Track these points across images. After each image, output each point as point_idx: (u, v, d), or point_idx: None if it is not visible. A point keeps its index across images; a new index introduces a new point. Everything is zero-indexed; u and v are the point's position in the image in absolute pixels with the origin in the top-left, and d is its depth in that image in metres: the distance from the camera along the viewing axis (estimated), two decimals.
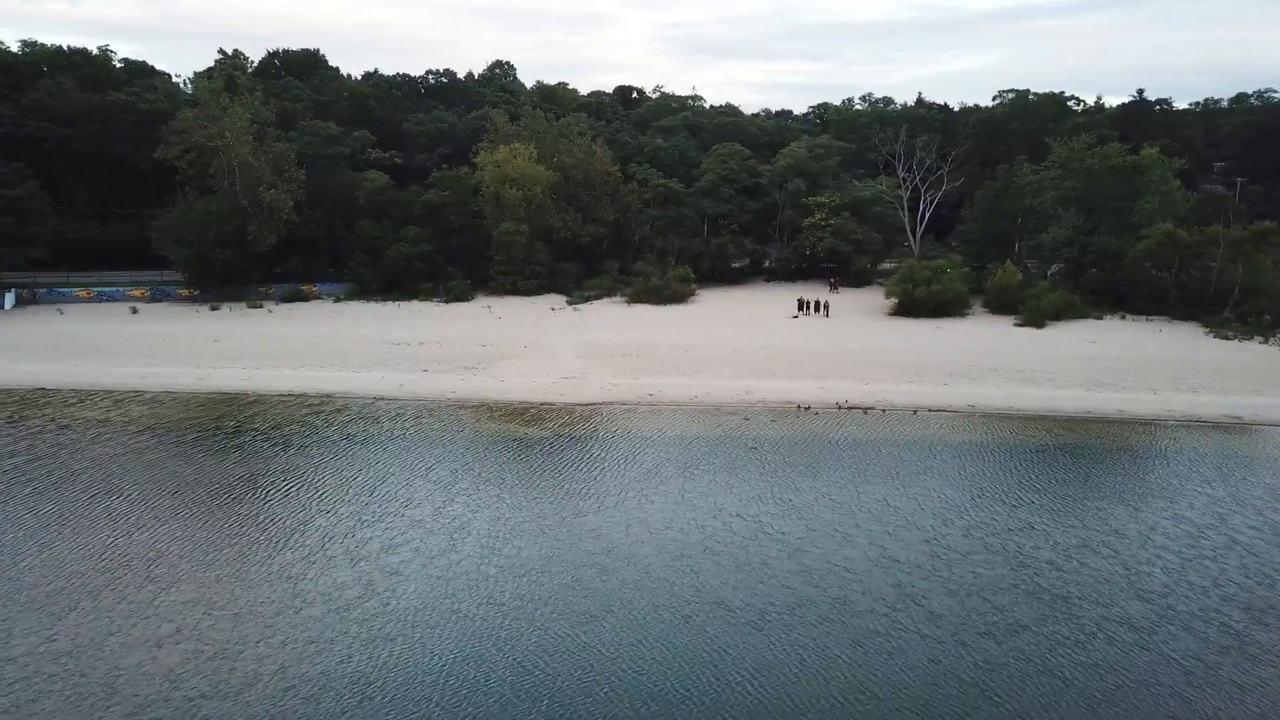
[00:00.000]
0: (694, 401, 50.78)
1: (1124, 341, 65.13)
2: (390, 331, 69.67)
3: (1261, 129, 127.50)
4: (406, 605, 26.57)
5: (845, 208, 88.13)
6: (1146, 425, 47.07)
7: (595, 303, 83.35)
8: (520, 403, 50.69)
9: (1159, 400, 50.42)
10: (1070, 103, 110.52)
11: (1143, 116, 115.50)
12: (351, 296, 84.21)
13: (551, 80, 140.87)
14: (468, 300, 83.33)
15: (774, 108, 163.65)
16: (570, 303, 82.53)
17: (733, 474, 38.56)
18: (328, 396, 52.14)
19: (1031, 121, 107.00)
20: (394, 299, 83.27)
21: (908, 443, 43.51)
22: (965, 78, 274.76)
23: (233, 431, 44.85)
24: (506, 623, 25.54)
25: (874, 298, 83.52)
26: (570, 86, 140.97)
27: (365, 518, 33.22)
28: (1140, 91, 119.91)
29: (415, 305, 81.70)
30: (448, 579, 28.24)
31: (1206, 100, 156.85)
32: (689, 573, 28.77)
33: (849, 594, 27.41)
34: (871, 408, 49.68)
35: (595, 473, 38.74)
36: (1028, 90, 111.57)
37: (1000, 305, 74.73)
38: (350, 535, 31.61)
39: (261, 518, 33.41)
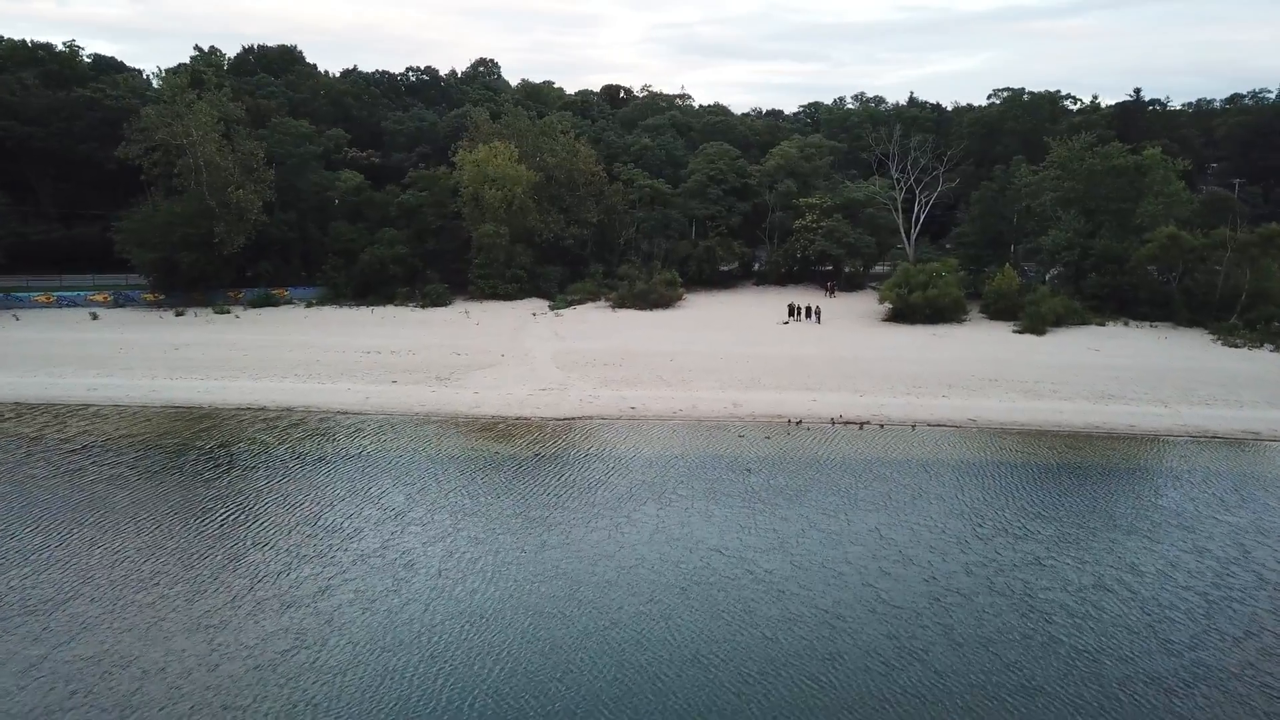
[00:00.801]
0: (678, 415, 47.68)
1: (1129, 349, 62.21)
2: (362, 338, 66.41)
3: (1259, 129, 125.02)
4: (338, 661, 23.39)
5: (837, 209, 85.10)
6: (1158, 441, 44.11)
7: (578, 307, 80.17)
8: (493, 417, 47.51)
9: (1170, 414, 47.45)
10: (1067, 101, 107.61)
11: (1139, 116, 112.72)
12: (324, 301, 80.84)
13: (539, 80, 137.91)
14: (446, 305, 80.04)
15: (764, 108, 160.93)
16: (552, 307, 79.34)
17: (715, 500, 35.44)
18: (287, 410, 48.88)
19: (1027, 121, 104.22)
20: (368, 304, 79.92)
21: (905, 463, 40.43)
22: (957, 79, 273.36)
23: (174, 450, 41.54)
24: (448, 685, 22.37)
25: (867, 303, 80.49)
26: (556, 86, 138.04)
27: (305, 553, 30.00)
28: (1137, 91, 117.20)
29: (390, 310, 78.37)
30: (388, 629, 25.05)
31: (1200, 101, 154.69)
32: (661, 621, 25.62)
33: (840, 647, 24.29)
34: (867, 422, 46.63)
35: (565, 499, 35.58)
36: (1023, 89, 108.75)
37: (999, 311, 71.76)
38: (285, 575, 28.38)
39: (187, 554, 30.14)
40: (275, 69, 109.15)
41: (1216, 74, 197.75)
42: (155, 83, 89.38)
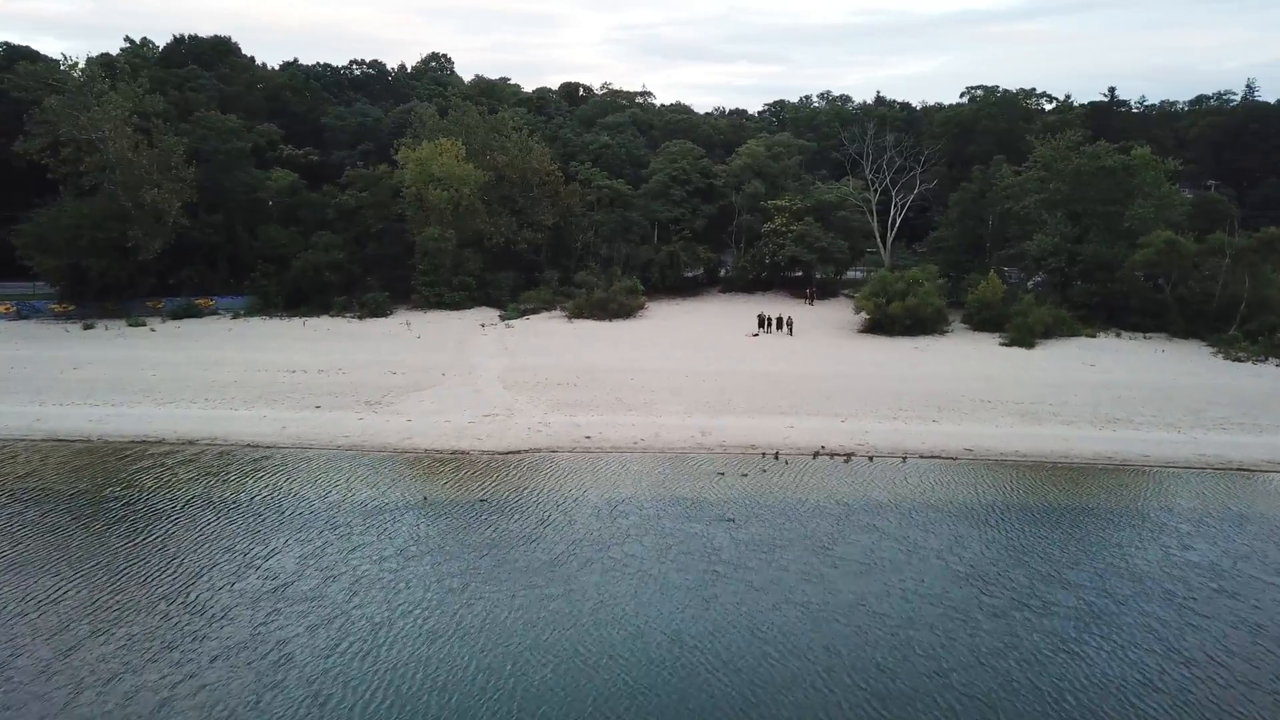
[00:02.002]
0: (639, 446, 41.93)
1: (1126, 364, 57.61)
2: (289, 354, 59.80)
3: (1230, 130, 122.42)
4: None
5: (808, 212, 79.93)
6: (1176, 475, 39.20)
7: (532, 318, 74.10)
8: (426, 450, 41.40)
9: (1186, 440, 42.63)
10: (1042, 100, 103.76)
11: (1112, 117, 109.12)
12: (253, 312, 73.92)
13: (495, 77, 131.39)
14: (386, 315, 73.53)
15: (728, 108, 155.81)
16: (503, 318, 73.22)
17: (675, 562, 29.71)
18: (188, 443, 42.37)
19: (1001, 120, 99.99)
20: (301, 314, 73.18)
21: (897, 506, 35.01)
22: (915, 82, 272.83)
23: (32, 496, 34.87)
24: None
25: (841, 312, 75.42)
26: (513, 83, 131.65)
27: (151, 646, 23.72)
28: (1111, 90, 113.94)
29: (325, 322, 71.67)
30: None
31: (1163, 103, 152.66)
32: None
33: None
34: (852, 454, 41.21)
35: (494, 561, 29.59)
36: (996, 86, 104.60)
37: (983, 321, 66.97)
38: (119, 679, 22.09)
39: None
40: (207, 61, 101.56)
41: (1166, 79, 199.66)
42: (75, 73, 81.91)
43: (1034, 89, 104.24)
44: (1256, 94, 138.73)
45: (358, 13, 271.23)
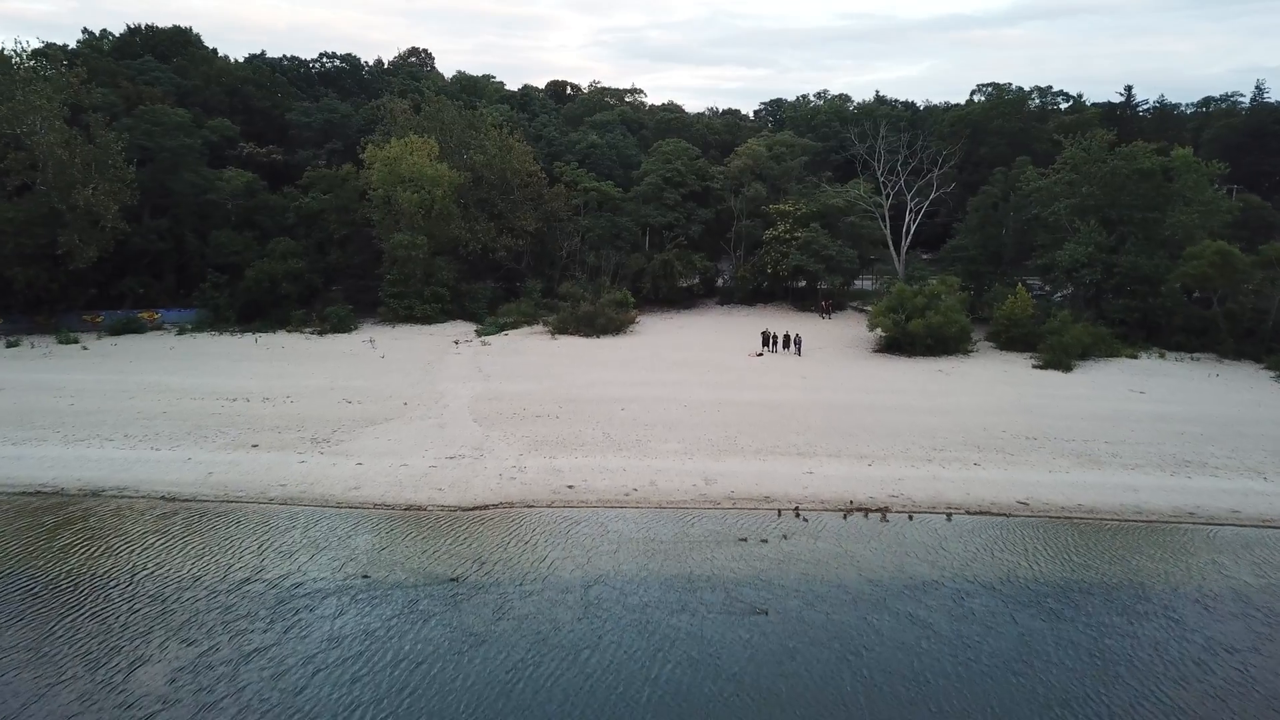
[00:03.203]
0: (631, 498, 35.07)
1: (1179, 392, 51.16)
2: (233, 378, 52.74)
3: (1251, 133, 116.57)
4: None
5: (814, 217, 73.33)
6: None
7: (511, 333, 67.18)
8: (375, 505, 34.40)
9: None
10: (1059, 98, 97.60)
11: (1132, 118, 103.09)
12: (202, 327, 66.72)
13: (478, 74, 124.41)
14: (349, 331, 66.49)
15: (720, 108, 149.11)
16: (480, 333, 66.27)
17: (665, 689, 22.81)
18: (91, 494, 35.26)
19: (1014, 120, 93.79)
20: (255, 329, 66.03)
21: (950, 589, 28.21)
22: (901, 85, 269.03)
23: None
24: None
25: (852, 328, 68.80)
26: (496, 80, 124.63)
27: None
28: (1128, 89, 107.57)
29: (280, 339, 64.57)
30: None
31: (1168, 104, 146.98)
32: None
33: None
34: (886, 508, 34.44)
35: (425, 696, 22.62)
36: (1009, 84, 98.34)
37: (1011, 340, 60.45)
38: None
39: None
40: (164, 53, 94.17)
41: (1149, 83, 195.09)
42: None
43: (1049, 86, 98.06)
44: (1266, 95, 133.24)
45: (339, 13, 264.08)
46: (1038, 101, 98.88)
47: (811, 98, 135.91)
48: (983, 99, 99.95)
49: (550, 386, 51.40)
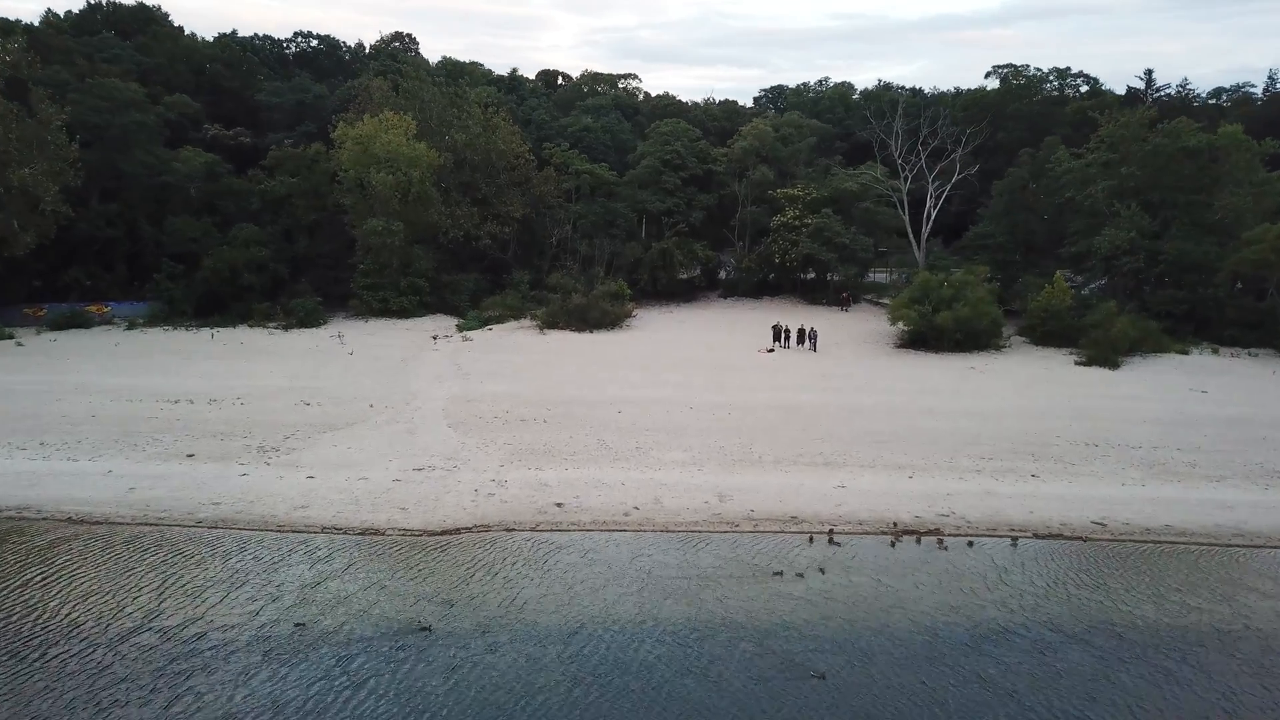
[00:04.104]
0: (633, 519, 29.26)
1: (1244, 391, 45.67)
2: (180, 377, 46.82)
3: (1269, 121, 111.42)
4: None
5: (825, 202, 67.61)
6: None
7: (496, 328, 61.35)
8: (324, 528, 28.48)
9: None
10: (1079, 81, 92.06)
11: (1155, 104, 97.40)
12: (155, 321, 60.69)
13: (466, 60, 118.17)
14: (318, 326, 60.53)
15: (718, 99, 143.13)
16: (461, 328, 60.41)
17: None
18: None
19: (1033, 104, 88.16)
20: (213, 324, 59.99)
21: (1028, 636, 22.45)
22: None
23: None
24: None
25: (869, 322, 63.11)
26: (485, 67, 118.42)
27: None
28: (1149, 73, 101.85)
29: (241, 334, 58.62)
30: None
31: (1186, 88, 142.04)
32: None
33: None
34: (937, 530, 28.70)
35: None
36: (1026, 65, 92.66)
37: (1046, 334, 54.86)
38: None
39: None
40: (127, 29, 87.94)
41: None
42: None
43: (1068, 68, 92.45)
44: (1278, 85, 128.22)
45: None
46: (1056, 84, 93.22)
47: (812, 85, 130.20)
48: (998, 81, 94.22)
49: (537, 387, 45.60)
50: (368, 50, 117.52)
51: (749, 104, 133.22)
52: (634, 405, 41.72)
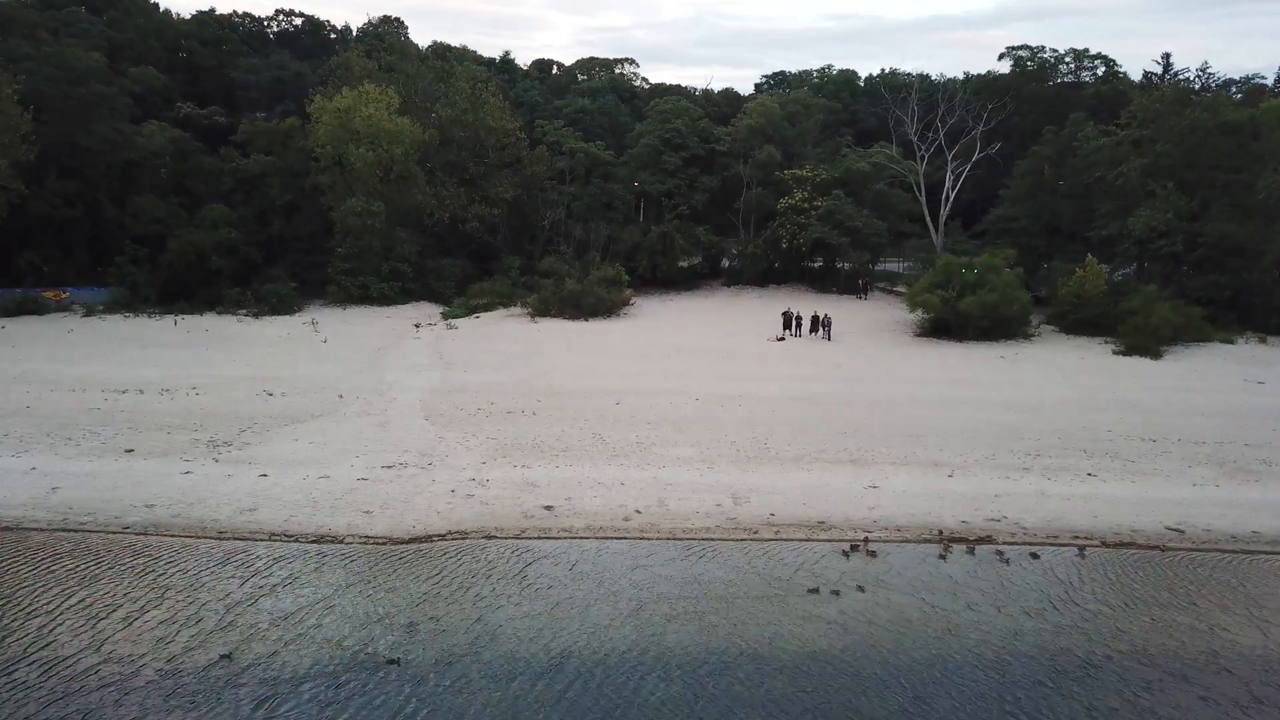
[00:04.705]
0: (631, 526, 25.08)
1: None
2: (133, 366, 42.58)
3: None
4: None
5: (836, 184, 63.42)
6: None
7: (484, 316, 57.16)
8: (271, 535, 24.27)
9: None
10: (1097, 63, 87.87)
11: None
12: (117, 307, 56.32)
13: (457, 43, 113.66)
14: (292, 313, 56.26)
15: (716, 88, 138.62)
16: (446, 316, 56.21)
17: None
18: None
19: (1048, 87, 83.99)
20: (179, 311, 55.67)
21: (1120, 674, 18.32)
22: None
23: None
24: None
25: (883, 310, 59.04)
26: (475, 52, 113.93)
27: None
28: (1166, 57, 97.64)
29: (208, 321, 54.34)
30: None
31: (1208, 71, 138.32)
32: None
33: None
34: (989, 538, 24.54)
35: None
36: (1042, 46, 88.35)
37: (1078, 322, 50.81)
38: None
39: None
40: (97, 4, 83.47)
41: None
42: None
43: (1085, 49, 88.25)
44: None
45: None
46: (1071, 66, 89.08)
47: (814, 74, 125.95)
48: (1010, 65, 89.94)
49: (526, 376, 41.40)
50: (354, 33, 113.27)
51: (763, 76, 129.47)
52: (634, 396, 37.54)
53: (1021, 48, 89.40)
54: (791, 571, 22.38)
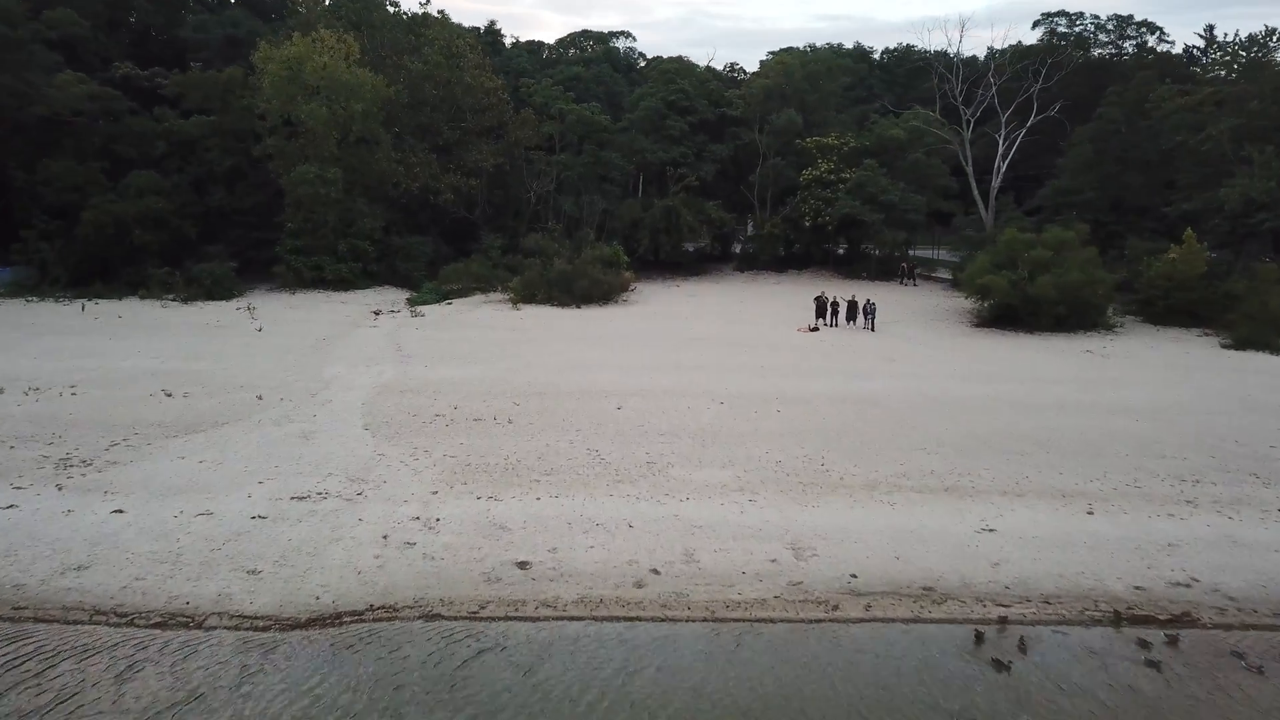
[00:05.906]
0: (644, 599, 16.71)
1: None
2: (15, 360, 33.86)
3: None
4: None
5: (866, 153, 54.98)
6: None
7: (458, 302, 48.62)
8: (95, 613, 15.73)
9: None
10: (1143, 31, 79.79)
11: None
12: (20, 290, 47.59)
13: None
14: (229, 298, 47.64)
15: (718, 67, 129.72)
16: (413, 302, 47.65)
17: None
18: None
19: (1087, 57, 75.80)
20: (94, 295, 46.94)
21: None
22: None
23: None
24: None
25: (927, 297, 50.76)
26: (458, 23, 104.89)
27: None
28: (1210, 29, 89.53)
29: (126, 306, 45.68)
30: None
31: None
32: None
33: None
34: (1186, 616, 16.16)
35: None
36: (1081, 13, 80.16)
37: (1167, 310, 42.52)
38: None
39: None
40: None
41: None
42: None
43: (1129, 16, 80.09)
44: None
45: None
46: (1113, 35, 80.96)
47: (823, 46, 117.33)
48: (1045, 32, 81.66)
49: (503, 371, 32.86)
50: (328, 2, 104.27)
51: (769, 52, 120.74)
52: (640, 398, 29.02)
53: (1058, 14, 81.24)
54: (902, 680, 13.95)
